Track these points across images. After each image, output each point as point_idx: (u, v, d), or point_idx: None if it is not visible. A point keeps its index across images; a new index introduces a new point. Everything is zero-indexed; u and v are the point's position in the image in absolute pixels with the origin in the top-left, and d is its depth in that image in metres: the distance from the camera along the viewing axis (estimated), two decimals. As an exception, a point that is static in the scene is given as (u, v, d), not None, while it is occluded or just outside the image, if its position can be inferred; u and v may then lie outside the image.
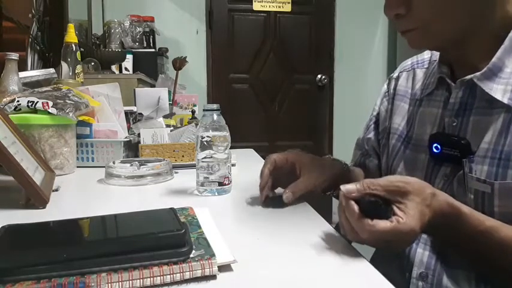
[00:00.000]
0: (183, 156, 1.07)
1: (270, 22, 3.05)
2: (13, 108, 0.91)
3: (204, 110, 0.77)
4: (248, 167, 1.07)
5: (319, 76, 3.11)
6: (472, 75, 0.61)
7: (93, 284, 0.37)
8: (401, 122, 0.77)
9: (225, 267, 0.43)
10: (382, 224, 0.47)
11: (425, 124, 0.70)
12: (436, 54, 0.73)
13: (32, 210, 0.66)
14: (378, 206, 0.49)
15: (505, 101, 0.59)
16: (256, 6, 3.02)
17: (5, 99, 0.95)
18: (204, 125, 0.76)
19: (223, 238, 0.49)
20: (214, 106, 0.77)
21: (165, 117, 1.35)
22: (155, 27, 2.52)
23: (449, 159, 0.64)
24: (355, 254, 0.49)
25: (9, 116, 0.83)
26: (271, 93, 3.09)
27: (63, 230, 0.48)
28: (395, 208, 0.49)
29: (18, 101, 0.92)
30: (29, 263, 0.38)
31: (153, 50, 2.43)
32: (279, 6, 3.04)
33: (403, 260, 0.67)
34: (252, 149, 1.43)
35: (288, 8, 3.05)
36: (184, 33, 2.90)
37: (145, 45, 2.42)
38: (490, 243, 0.53)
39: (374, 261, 0.49)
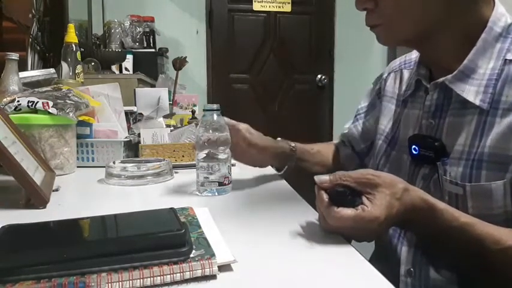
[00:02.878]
0: (183, 156, 1.07)
1: (270, 22, 3.05)
2: (13, 108, 0.91)
3: (204, 110, 0.77)
4: (248, 167, 1.07)
5: (319, 76, 3.12)
6: (443, 78, 0.62)
7: (93, 284, 0.37)
8: (388, 124, 0.78)
9: (225, 267, 0.43)
10: (347, 211, 0.50)
11: (408, 125, 0.71)
12: None
13: (32, 210, 0.66)
14: (345, 195, 0.52)
15: (477, 102, 0.59)
16: (256, 6, 3.02)
17: (5, 99, 0.95)
18: (204, 125, 0.76)
19: (223, 238, 0.49)
20: (214, 106, 0.77)
21: (165, 117, 1.35)
22: (155, 27, 2.52)
23: (427, 161, 0.65)
24: (356, 255, 0.49)
25: (10, 116, 0.83)
26: (271, 93, 3.09)
27: (63, 230, 0.48)
28: (364, 198, 0.52)
29: (18, 101, 0.92)
30: (29, 263, 0.38)
31: (153, 50, 2.43)
32: (279, 6, 3.04)
33: (392, 258, 0.69)
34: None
35: (288, 8, 3.05)
36: (184, 33, 2.90)
37: (145, 45, 2.42)
38: (464, 239, 0.54)
39: (370, 262, 0.49)
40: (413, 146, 0.66)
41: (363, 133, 0.90)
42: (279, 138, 0.90)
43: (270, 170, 1.04)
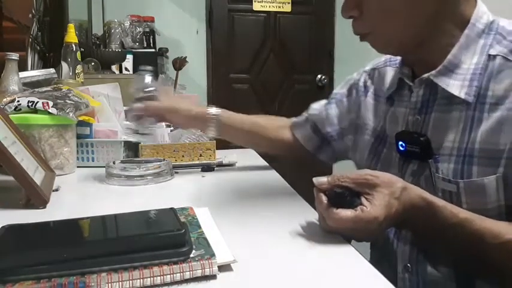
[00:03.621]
0: (183, 156, 1.07)
1: (270, 22, 3.05)
2: (13, 108, 0.91)
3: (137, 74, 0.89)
4: (248, 167, 1.07)
5: (319, 76, 3.11)
6: (428, 74, 0.63)
7: (93, 284, 0.37)
8: (374, 119, 0.78)
9: (225, 267, 0.43)
10: (347, 213, 0.51)
11: (395, 123, 0.71)
12: None
13: (32, 210, 0.66)
14: (344, 197, 0.52)
15: (462, 96, 0.60)
16: (256, 6, 3.02)
17: (5, 99, 0.95)
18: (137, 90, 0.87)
19: (223, 238, 0.49)
20: (147, 68, 0.89)
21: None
22: (155, 27, 2.52)
23: (414, 156, 0.65)
24: (355, 254, 0.49)
25: (10, 116, 0.83)
26: (271, 93, 3.09)
27: (63, 230, 0.48)
28: (363, 199, 0.52)
29: (18, 101, 0.92)
30: (29, 263, 0.38)
31: (153, 50, 2.43)
32: (279, 6, 3.04)
33: (389, 256, 0.69)
34: (252, 149, 1.42)
35: (288, 8, 3.05)
36: (184, 33, 2.90)
37: (145, 45, 2.42)
38: (464, 235, 0.54)
39: (370, 261, 0.49)
40: (400, 143, 0.67)
41: (332, 117, 0.88)
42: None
43: (269, 170, 1.04)
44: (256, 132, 0.96)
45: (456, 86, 0.61)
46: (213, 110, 0.91)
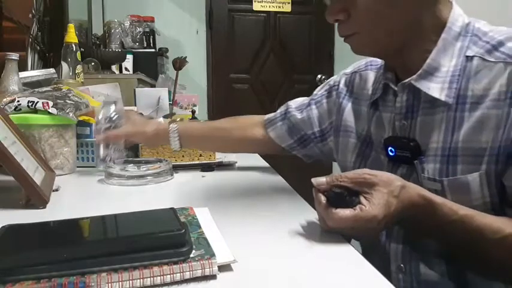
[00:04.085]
0: (183, 156, 1.07)
1: (270, 22, 3.05)
2: (13, 108, 0.91)
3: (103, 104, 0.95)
4: (248, 167, 1.07)
5: (319, 76, 3.12)
6: (410, 78, 0.64)
7: (93, 284, 0.37)
8: (358, 123, 0.78)
9: (225, 267, 0.43)
10: (346, 212, 0.51)
11: (382, 128, 0.72)
12: None
13: (32, 210, 0.66)
14: (343, 196, 0.52)
15: (443, 98, 0.61)
16: (256, 6, 3.02)
17: (5, 99, 0.95)
18: (104, 115, 0.92)
19: (223, 238, 0.49)
20: (112, 99, 0.96)
21: (165, 117, 1.35)
22: (155, 27, 2.52)
23: (404, 161, 0.66)
24: (355, 254, 0.49)
25: (10, 116, 0.83)
26: (271, 93, 3.09)
27: (63, 230, 0.48)
28: (361, 198, 0.52)
29: (18, 101, 0.92)
30: (29, 263, 0.38)
31: (153, 50, 2.43)
32: (279, 7, 3.05)
33: (383, 255, 0.69)
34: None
35: (288, 8, 3.06)
36: (184, 33, 2.91)
37: (145, 45, 2.42)
38: (464, 232, 0.55)
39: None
40: (390, 148, 0.67)
41: (313, 119, 0.87)
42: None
43: (269, 170, 1.04)
44: (219, 137, 0.98)
45: (437, 88, 0.62)
46: (173, 125, 0.95)
